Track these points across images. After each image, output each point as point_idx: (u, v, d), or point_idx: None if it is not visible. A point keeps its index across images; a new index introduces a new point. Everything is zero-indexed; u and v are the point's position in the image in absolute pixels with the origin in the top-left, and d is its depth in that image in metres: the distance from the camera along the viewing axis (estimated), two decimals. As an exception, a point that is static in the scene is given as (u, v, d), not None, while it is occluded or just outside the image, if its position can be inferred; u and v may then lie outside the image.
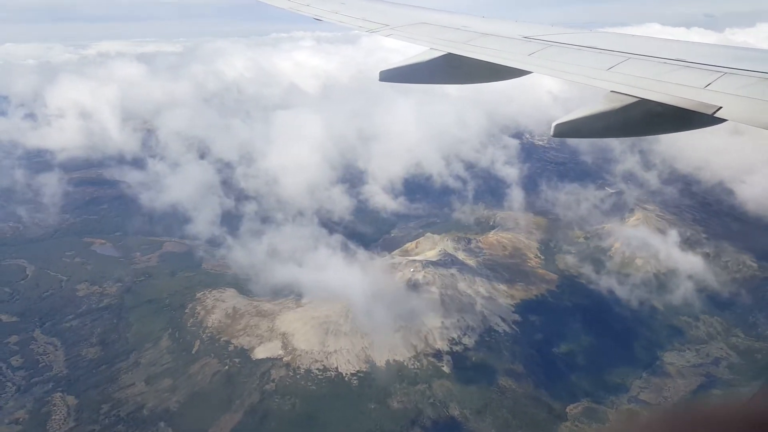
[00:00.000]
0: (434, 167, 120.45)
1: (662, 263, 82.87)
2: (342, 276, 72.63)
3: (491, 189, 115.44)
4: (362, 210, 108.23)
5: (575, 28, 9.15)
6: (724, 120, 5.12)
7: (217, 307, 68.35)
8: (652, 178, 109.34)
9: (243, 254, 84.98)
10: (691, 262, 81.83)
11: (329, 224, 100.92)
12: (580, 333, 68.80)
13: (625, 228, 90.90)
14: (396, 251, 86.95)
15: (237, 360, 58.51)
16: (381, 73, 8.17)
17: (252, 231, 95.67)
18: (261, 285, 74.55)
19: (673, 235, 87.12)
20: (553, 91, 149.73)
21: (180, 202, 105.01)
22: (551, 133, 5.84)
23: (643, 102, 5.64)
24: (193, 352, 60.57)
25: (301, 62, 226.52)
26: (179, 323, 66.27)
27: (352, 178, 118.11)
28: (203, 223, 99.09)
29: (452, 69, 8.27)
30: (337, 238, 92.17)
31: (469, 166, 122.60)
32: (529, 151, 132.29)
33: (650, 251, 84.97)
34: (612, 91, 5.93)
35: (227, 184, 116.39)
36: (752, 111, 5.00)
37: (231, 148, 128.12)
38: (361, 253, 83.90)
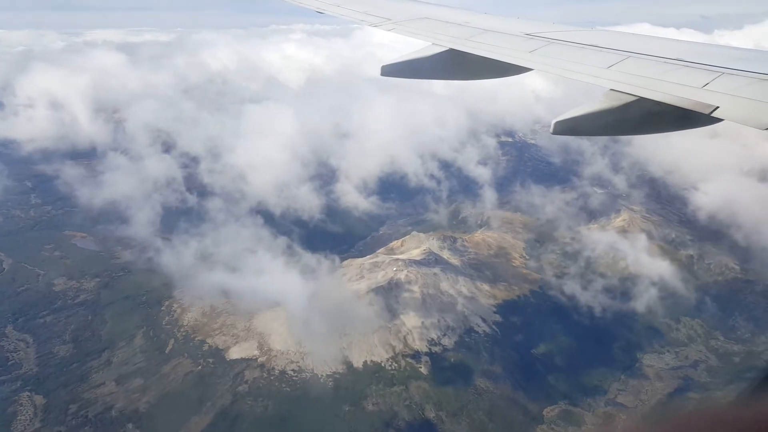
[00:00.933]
0: (410, 166, 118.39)
1: (645, 265, 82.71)
2: (284, 279, 70.52)
3: (466, 188, 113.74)
4: (333, 209, 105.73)
5: (577, 25, 9.15)
6: (720, 120, 5.13)
7: (195, 305, 67.23)
8: (633, 180, 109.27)
9: (171, 256, 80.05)
10: (673, 264, 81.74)
11: (298, 223, 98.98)
12: (560, 334, 68.45)
13: (610, 228, 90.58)
14: (381, 249, 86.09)
15: (211, 360, 57.53)
16: (383, 68, 8.12)
17: (194, 230, 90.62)
18: (194, 287, 70.71)
19: (657, 236, 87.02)
20: (536, 90, 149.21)
21: (131, 198, 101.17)
22: (551, 130, 5.84)
23: (641, 101, 5.68)
24: (166, 351, 59.49)
25: (289, 55, 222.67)
26: (155, 321, 65.12)
27: (324, 176, 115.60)
28: (141, 223, 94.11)
29: (454, 65, 8.25)
30: (301, 237, 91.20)
31: (446, 165, 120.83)
32: (511, 150, 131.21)
33: (634, 252, 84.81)
34: (611, 90, 5.95)
35: (190, 179, 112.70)
36: (748, 111, 5.02)
37: (200, 142, 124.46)
38: (311, 255, 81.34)
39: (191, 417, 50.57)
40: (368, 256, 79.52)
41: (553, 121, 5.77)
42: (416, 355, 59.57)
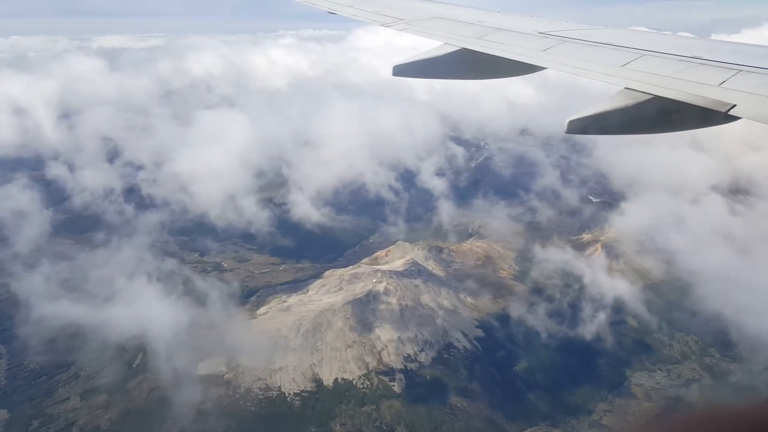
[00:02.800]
0: (370, 176, 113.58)
1: (639, 276, 79.70)
2: (158, 307, 64.91)
3: (424, 200, 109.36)
4: (283, 221, 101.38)
5: (590, 24, 9.03)
6: (737, 118, 5.11)
7: (168, 317, 65.77)
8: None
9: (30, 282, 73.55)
10: (669, 276, 78.55)
11: (245, 236, 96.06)
12: (544, 349, 65.76)
13: (604, 238, 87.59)
14: (366, 259, 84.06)
15: (178, 376, 55.94)
16: (394, 67, 8.13)
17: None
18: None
19: (651, 247, 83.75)
20: (522, 96, 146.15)
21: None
22: (564, 129, 5.73)
23: (657, 99, 5.67)
24: (134, 365, 58.10)
25: (275, 60, 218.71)
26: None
27: (275, 186, 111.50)
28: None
29: (466, 64, 8.24)
30: (245, 249, 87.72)
31: (410, 175, 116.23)
32: (495, 156, 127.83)
33: (628, 263, 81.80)
34: (626, 88, 5.93)
35: (132, 190, 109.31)
36: (766, 109, 4.99)
37: (152, 151, 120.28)
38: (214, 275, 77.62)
39: (151, 436, 49.02)
40: (350, 267, 77.52)
41: (567, 120, 5.68)
42: (390, 372, 57.39)
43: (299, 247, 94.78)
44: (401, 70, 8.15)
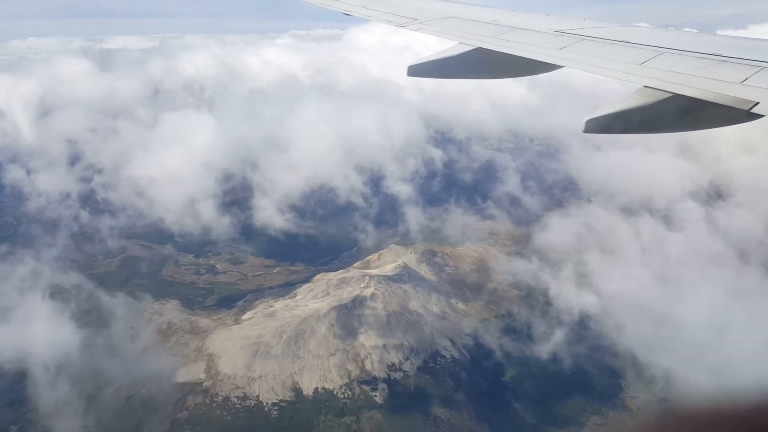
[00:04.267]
0: (341, 181, 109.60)
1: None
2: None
3: (392, 207, 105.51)
4: (248, 227, 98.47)
5: (607, 22, 8.81)
6: (760, 116, 4.97)
7: (153, 321, 65.19)
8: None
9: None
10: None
11: (208, 243, 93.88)
12: (535, 358, 63.58)
13: (602, 242, 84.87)
14: (358, 263, 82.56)
15: (156, 383, 55.08)
16: (409, 68, 8.14)
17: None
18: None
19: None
20: (491, 97, 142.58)
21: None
22: (582, 129, 5.69)
23: (676, 97, 5.59)
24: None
25: (270, 60, 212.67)
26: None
27: (244, 191, 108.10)
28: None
29: (482, 64, 8.21)
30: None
31: (384, 179, 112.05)
32: (461, 160, 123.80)
33: (624, 269, 79.03)
34: (645, 86, 5.86)
35: (89, 195, 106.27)
36: None
37: (116, 154, 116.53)
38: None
39: (124, 446, 48.22)
40: (340, 271, 76.09)
41: (585, 119, 5.66)
42: (373, 382, 55.85)
43: (294, 249, 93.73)
44: (416, 71, 8.12)
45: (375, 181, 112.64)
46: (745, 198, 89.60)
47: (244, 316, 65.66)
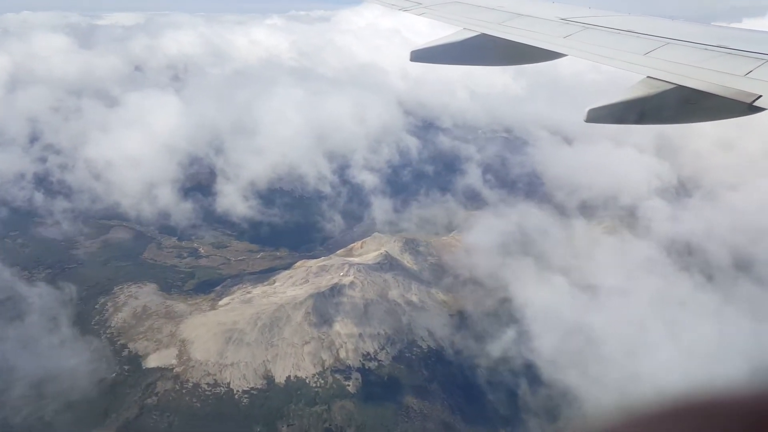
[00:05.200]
0: (311, 168, 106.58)
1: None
2: None
3: (359, 197, 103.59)
4: (209, 214, 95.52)
5: (613, 10, 8.82)
6: (762, 109, 4.94)
7: (128, 305, 64.45)
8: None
9: None
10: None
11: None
12: (513, 350, 63.09)
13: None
14: (341, 251, 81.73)
15: (127, 367, 54.58)
16: (412, 52, 8.08)
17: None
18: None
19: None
20: (478, 85, 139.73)
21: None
22: (584, 118, 5.67)
23: (680, 89, 5.53)
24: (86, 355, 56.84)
25: (257, 41, 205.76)
26: (84, 320, 62.56)
27: (207, 177, 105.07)
28: None
29: (486, 50, 8.17)
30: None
31: (349, 168, 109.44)
32: (437, 149, 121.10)
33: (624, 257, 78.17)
34: (648, 77, 5.81)
35: (46, 177, 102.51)
36: None
37: (78, 135, 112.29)
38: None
39: (91, 430, 47.79)
40: (321, 258, 75.32)
41: (587, 109, 5.63)
42: (346, 371, 55.42)
43: (279, 234, 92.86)
44: (419, 56, 8.05)
45: (343, 168, 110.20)
46: (708, 199, 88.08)
47: (221, 302, 65.00)
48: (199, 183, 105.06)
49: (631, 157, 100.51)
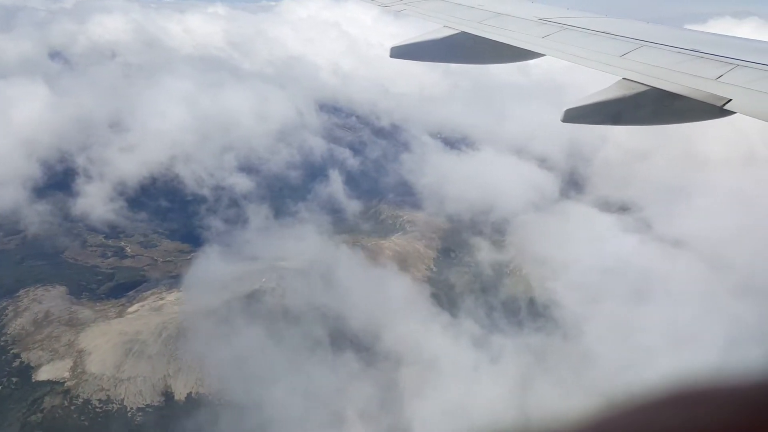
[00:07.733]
0: (189, 168, 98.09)
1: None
2: None
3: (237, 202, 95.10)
4: (65, 219, 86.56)
5: (592, 12, 8.95)
6: (732, 113, 5.10)
7: (29, 310, 60.15)
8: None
9: None
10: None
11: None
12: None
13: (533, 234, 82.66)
14: (270, 255, 78.54)
15: (15, 380, 50.62)
16: (392, 49, 8.15)
17: None
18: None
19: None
20: (414, 85, 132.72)
21: None
22: (561, 118, 5.76)
23: (654, 91, 5.66)
24: None
25: (191, 29, 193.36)
26: (-21, 326, 58.13)
27: (65, 177, 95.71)
28: None
29: (465, 48, 8.22)
30: None
31: (227, 170, 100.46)
32: (338, 151, 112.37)
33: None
34: (624, 79, 5.92)
35: None
36: (761, 105, 5.01)
37: None
38: None
39: (-39, 452, 44.05)
40: (248, 262, 72.21)
41: (564, 109, 5.72)
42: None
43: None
44: (399, 52, 8.15)
45: (226, 169, 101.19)
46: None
47: (131, 309, 61.39)
48: (56, 181, 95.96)
49: (512, 168, 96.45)
